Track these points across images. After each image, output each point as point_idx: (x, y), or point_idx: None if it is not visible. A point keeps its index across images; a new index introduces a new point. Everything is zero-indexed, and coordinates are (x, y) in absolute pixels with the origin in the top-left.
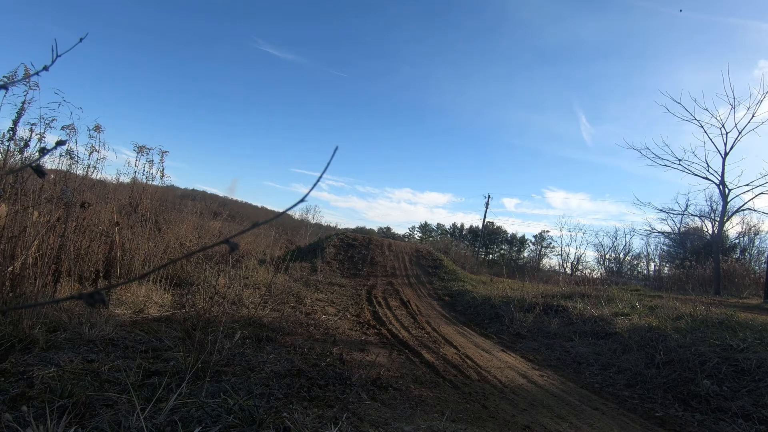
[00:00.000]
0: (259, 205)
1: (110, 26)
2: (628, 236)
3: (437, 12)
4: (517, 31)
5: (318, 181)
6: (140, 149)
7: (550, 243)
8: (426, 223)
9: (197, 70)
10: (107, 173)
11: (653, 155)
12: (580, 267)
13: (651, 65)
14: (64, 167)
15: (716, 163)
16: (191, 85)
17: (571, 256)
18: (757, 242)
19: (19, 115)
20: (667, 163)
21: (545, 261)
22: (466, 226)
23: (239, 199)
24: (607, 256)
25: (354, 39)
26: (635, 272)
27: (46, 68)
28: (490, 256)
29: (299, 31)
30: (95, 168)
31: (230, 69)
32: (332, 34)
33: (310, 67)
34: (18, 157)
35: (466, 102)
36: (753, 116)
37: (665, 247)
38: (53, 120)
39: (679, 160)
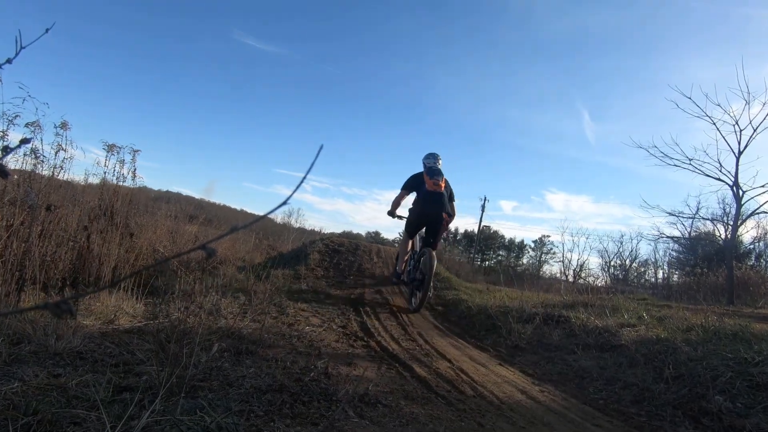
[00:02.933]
0: (239, 208)
1: (78, 20)
2: (634, 241)
3: (433, 4)
4: (516, 23)
5: (302, 182)
6: (110, 148)
7: (551, 249)
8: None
9: (172, 65)
10: (75, 174)
11: (661, 154)
12: (583, 274)
13: (658, 58)
14: (29, 167)
15: (729, 162)
16: (165, 81)
17: (574, 263)
18: None
19: None
20: (676, 162)
21: (545, 268)
22: (461, 231)
23: (217, 201)
24: (612, 263)
25: (343, 32)
26: (642, 280)
27: (9, 61)
28: (487, 262)
29: (283, 21)
30: (62, 168)
31: (207, 63)
32: (318, 25)
33: (294, 61)
34: None
35: (462, 99)
36: None
37: (674, 253)
38: (17, 116)
39: (690, 160)
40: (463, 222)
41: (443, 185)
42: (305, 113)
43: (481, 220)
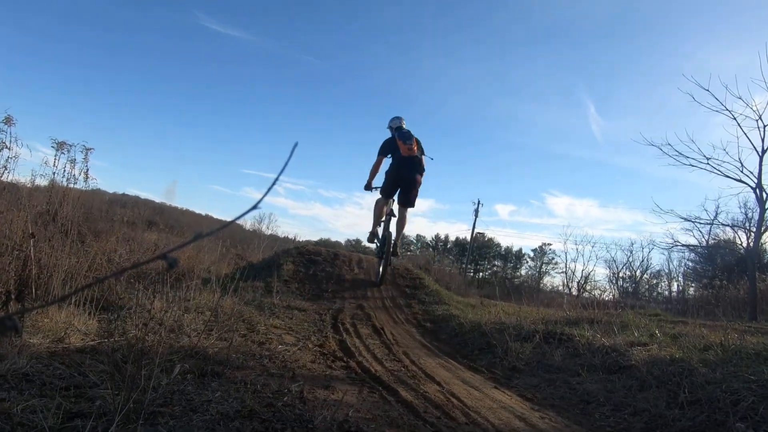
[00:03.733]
0: (203, 212)
1: (21, 12)
2: (645, 250)
3: None
4: (516, 10)
5: (274, 183)
6: (60, 146)
7: (553, 258)
8: (403, 234)
9: (125, 55)
10: (20, 175)
11: (676, 153)
12: (588, 287)
13: (671, 46)
14: None
15: (752, 162)
16: (121, 73)
17: (578, 274)
18: None
19: None
20: (692, 162)
21: (546, 280)
22: (452, 238)
23: (179, 205)
24: (620, 274)
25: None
26: (654, 293)
27: None
28: (481, 273)
29: (253, 4)
30: (6, 168)
31: (167, 52)
32: (296, 11)
33: (266, 49)
34: None
35: (450, 86)
36: None
37: (690, 264)
38: None
39: (707, 159)
40: (454, 229)
41: (416, 147)
42: (278, 108)
43: (474, 227)
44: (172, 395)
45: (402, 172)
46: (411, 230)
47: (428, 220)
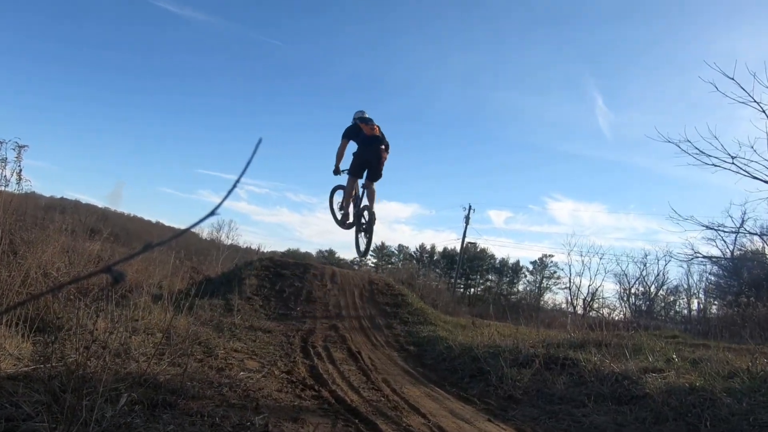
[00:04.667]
0: (154, 219)
1: None
2: (661, 263)
3: None
4: None
5: (235, 186)
6: None
7: (555, 272)
8: (383, 244)
9: (64, 42)
10: None
11: (696, 151)
12: (595, 305)
13: (693, 28)
14: None
15: None
16: (60, 63)
17: (584, 290)
18: None
19: None
20: (715, 161)
21: (548, 297)
22: (439, 249)
23: (125, 211)
24: (632, 290)
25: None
26: (672, 312)
27: None
28: (472, 289)
29: None
30: None
31: (108, 33)
32: None
33: (224, 30)
34: None
35: (438, 77)
36: None
37: (713, 278)
38: None
39: (732, 158)
40: (441, 238)
41: (378, 129)
42: (240, 100)
43: (464, 236)
44: (118, 429)
45: (368, 151)
46: (392, 239)
47: (412, 228)
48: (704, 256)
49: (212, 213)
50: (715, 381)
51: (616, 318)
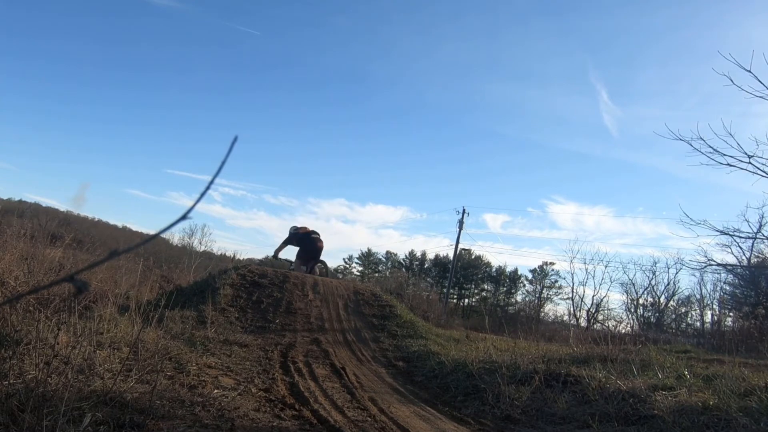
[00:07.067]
0: (120, 224)
1: None
2: (672, 271)
3: None
4: None
5: (208, 187)
6: None
7: (556, 281)
8: (370, 250)
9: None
10: None
11: (710, 149)
12: (600, 317)
13: (707, 15)
14: None
15: None
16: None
17: (587, 301)
18: None
19: None
20: (730, 161)
21: (548, 308)
22: (430, 256)
23: (90, 215)
24: (640, 301)
25: None
26: (683, 325)
27: None
28: (466, 300)
29: None
30: None
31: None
32: None
33: (198, 19)
34: None
35: (428, 69)
36: None
37: (728, 287)
38: None
39: (749, 157)
40: (433, 244)
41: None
42: (213, 94)
43: (458, 242)
44: None
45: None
46: (379, 245)
47: (401, 233)
48: (718, 264)
49: (184, 217)
50: (730, 399)
51: (623, 331)
